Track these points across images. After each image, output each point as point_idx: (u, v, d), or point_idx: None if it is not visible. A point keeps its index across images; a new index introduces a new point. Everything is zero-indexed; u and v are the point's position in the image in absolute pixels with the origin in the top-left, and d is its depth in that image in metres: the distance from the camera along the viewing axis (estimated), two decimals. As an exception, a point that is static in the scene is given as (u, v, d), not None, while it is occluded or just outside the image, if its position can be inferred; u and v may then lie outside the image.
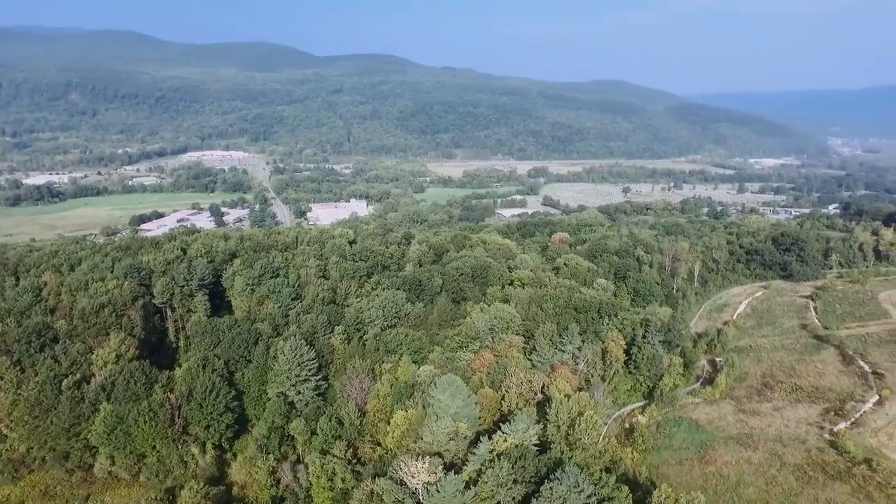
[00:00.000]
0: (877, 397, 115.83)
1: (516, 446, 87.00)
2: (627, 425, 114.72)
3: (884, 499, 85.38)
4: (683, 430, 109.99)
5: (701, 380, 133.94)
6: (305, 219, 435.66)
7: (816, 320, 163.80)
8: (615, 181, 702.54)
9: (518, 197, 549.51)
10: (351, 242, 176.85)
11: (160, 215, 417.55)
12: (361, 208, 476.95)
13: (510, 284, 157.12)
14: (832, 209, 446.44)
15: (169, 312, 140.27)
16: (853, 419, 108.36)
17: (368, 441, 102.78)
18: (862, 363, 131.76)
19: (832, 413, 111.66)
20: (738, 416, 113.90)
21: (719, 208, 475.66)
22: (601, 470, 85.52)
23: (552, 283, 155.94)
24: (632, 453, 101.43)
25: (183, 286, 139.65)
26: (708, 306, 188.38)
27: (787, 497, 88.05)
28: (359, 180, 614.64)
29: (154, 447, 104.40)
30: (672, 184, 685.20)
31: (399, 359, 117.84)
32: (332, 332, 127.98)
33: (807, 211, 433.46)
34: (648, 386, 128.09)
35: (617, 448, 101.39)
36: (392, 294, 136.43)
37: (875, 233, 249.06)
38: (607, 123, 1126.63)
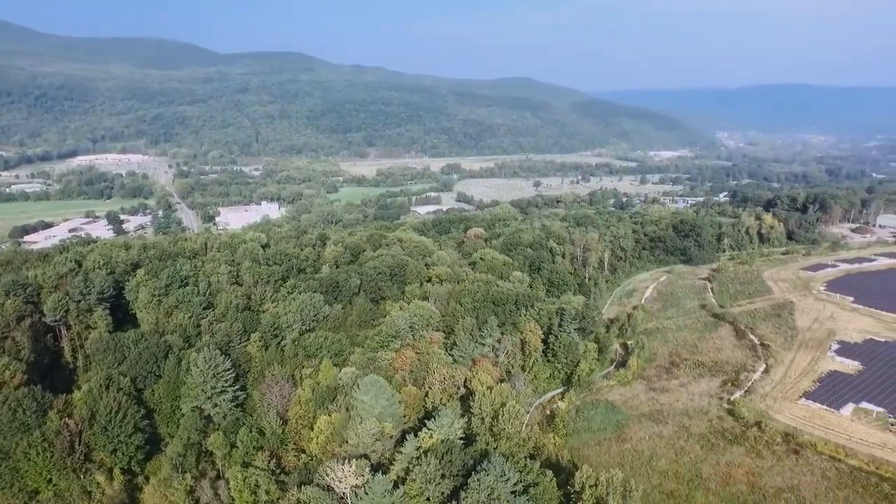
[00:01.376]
0: (764, 366, 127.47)
1: (442, 441, 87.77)
2: (548, 412, 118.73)
3: (770, 455, 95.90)
4: (601, 412, 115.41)
5: (615, 363, 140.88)
6: (214, 223, 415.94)
7: (713, 300, 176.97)
8: (526, 175, 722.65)
9: (432, 194, 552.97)
10: (264, 246, 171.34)
11: (48, 225, 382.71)
12: (273, 210, 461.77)
13: (428, 281, 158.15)
14: (722, 197, 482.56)
15: (63, 331, 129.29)
16: (746, 388, 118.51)
17: (292, 449, 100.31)
18: (752, 336, 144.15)
19: (729, 384, 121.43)
20: (650, 395, 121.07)
21: (624, 199, 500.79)
22: (526, 457, 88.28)
23: (469, 278, 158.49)
24: (554, 438, 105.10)
25: (79, 301, 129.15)
26: (618, 293, 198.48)
27: (693, 464, 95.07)
28: (269, 182, 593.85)
29: (50, 481, 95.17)
30: (580, 177, 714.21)
31: (319, 362, 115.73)
32: (248, 339, 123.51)
33: (701, 199, 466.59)
34: (566, 372, 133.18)
35: (540, 435, 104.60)
36: (309, 297, 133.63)
37: (758, 218, 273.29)
38: (517, 120, 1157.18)
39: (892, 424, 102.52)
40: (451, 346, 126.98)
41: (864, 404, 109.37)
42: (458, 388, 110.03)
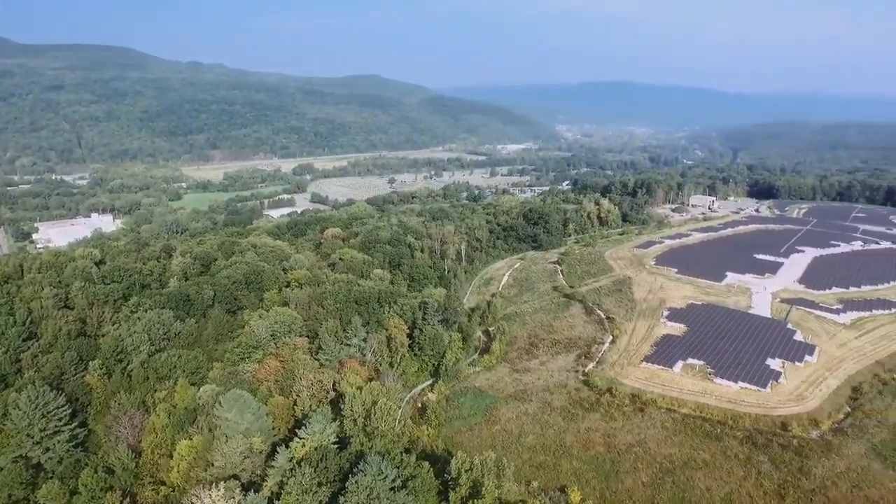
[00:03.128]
0: (611, 337, 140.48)
1: (316, 448, 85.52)
2: (420, 405, 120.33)
3: (621, 416, 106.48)
4: (470, 399, 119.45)
5: (479, 350, 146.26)
6: (31, 242, 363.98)
7: (564, 281, 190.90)
8: (380, 173, 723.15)
9: (286, 196, 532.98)
10: (98, 263, 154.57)
11: None
12: (107, 223, 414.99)
13: (287, 286, 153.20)
14: (565, 185, 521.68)
15: None
16: (597, 359, 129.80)
17: (149, 483, 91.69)
18: (599, 312, 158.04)
19: (583, 357, 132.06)
20: (514, 376, 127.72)
21: (477, 192, 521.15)
22: (402, 452, 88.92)
23: (330, 280, 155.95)
24: (427, 430, 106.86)
25: None
26: (477, 282, 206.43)
27: (557, 435, 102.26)
28: (100, 191, 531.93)
29: None
30: (433, 172, 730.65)
31: (174, 384, 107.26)
32: (85, 368, 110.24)
33: (547, 188, 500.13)
34: (434, 364, 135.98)
35: (414, 428, 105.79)
36: (157, 314, 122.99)
37: (597, 203, 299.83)
38: (368, 117, 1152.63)
39: (710, 374, 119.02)
40: (317, 349, 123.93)
41: (690, 360, 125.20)
42: (328, 392, 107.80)
